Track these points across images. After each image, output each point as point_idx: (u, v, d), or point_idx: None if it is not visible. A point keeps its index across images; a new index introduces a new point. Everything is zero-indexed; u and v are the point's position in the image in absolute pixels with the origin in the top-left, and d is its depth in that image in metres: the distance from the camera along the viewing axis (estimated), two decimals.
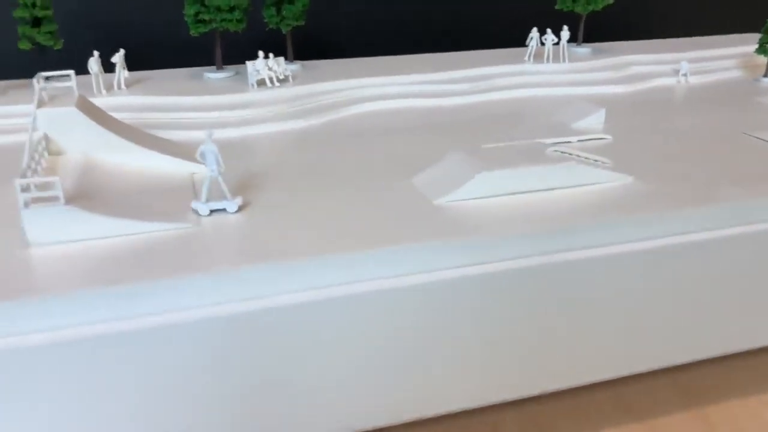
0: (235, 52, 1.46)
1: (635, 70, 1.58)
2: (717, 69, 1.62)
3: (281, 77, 1.36)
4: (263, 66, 1.33)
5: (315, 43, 1.69)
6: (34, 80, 0.98)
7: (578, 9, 1.60)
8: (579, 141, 1.15)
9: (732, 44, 1.73)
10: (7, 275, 0.73)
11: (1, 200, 0.88)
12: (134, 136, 1.01)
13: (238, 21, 1.36)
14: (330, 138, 1.19)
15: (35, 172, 0.85)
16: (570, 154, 0.98)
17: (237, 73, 1.43)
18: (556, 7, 1.63)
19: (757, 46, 1.55)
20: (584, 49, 1.65)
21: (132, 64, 1.36)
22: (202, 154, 0.86)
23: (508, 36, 1.70)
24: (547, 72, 1.52)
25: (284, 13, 1.41)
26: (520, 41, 1.60)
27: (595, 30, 1.73)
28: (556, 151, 0.98)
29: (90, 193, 0.87)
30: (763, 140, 1.16)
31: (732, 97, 1.45)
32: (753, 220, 0.93)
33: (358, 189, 0.96)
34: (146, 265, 0.76)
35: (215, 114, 1.26)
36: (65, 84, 1.03)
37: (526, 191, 0.94)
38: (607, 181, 0.97)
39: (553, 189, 0.95)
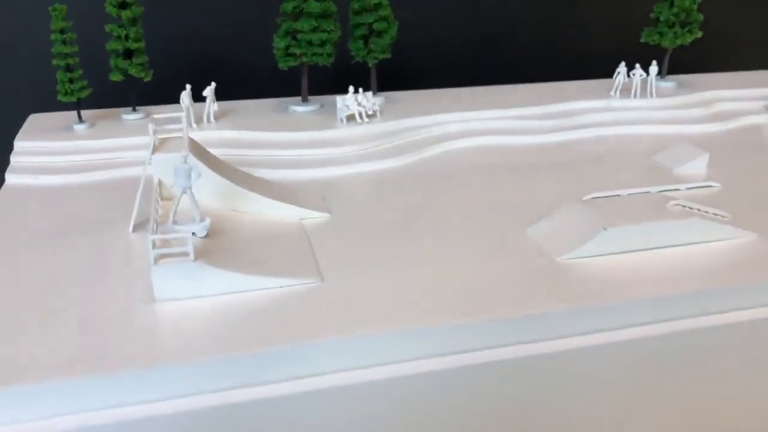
0: (315, 83, 1.45)
1: (722, 106, 1.54)
2: None
3: (370, 112, 1.34)
4: (353, 101, 1.32)
5: (394, 72, 1.67)
6: (150, 127, 0.98)
7: (665, 44, 1.56)
8: (688, 189, 1.11)
9: None
10: (134, 335, 0.72)
11: (112, 246, 0.88)
12: (244, 181, 1.00)
13: (328, 55, 1.34)
14: (424, 179, 1.17)
15: (158, 223, 0.84)
16: (691, 208, 0.95)
17: (322, 105, 1.42)
18: (641, 40, 1.59)
19: None
20: (668, 83, 1.61)
21: (217, 93, 1.35)
22: (177, 172, 0.84)
23: (589, 67, 1.67)
24: (635, 108, 1.49)
25: (372, 46, 1.40)
26: (601, 74, 1.57)
27: (676, 61, 1.69)
28: (677, 204, 0.95)
29: (208, 245, 0.86)
30: None
31: None
32: None
33: (472, 241, 0.94)
34: (278, 323, 0.74)
35: (307, 151, 1.24)
36: (171, 125, 1.02)
37: (650, 248, 0.91)
38: (732, 237, 0.94)
39: (675, 246, 0.92)
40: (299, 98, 1.44)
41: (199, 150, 0.97)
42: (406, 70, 1.75)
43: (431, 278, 0.84)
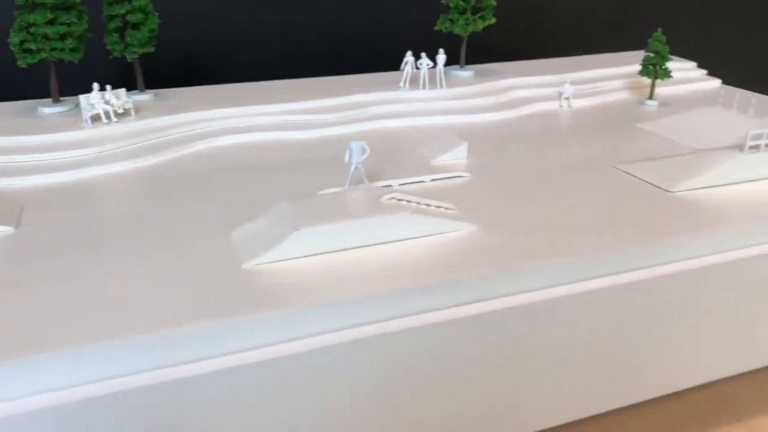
0: (78, 82, 1.33)
1: (517, 94, 1.50)
2: (602, 91, 1.56)
3: (120, 111, 1.23)
4: (98, 99, 1.20)
5: (188, 69, 1.56)
6: None
7: (457, 30, 1.51)
8: (432, 180, 1.05)
9: (619, 63, 1.67)
10: None
11: None
12: None
13: (72, 50, 1.22)
14: (161, 182, 1.07)
15: None
16: (409, 201, 0.88)
17: (77, 105, 1.29)
18: (435, 28, 1.54)
19: (640, 67, 1.50)
20: (467, 73, 1.56)
21: None
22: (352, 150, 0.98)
23: (387, 59, 1.60)
24: (422, 99, 1.43)
25: (128, 39, 1.29)
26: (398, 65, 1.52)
27: (482, 51, 1.65)
28: (392, 198, 0.88)
29: None
30: (632, 175, 1.09)
31: (612, 123, 1.38)
32: (599, 274, 0.85)
33: (166, 250, 0.84)
34: None
35: (48, 155, 1.12)
36: None
37: (354, 247, 0.83)
38: (448, 230, 0.88)
39: (385, 243, 0.85)
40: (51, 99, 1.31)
41: None
42: (212, 65, 1.65)
43: (112, 291, 0.74)
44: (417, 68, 1.44)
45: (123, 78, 1.36)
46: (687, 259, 0.90)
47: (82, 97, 1.20)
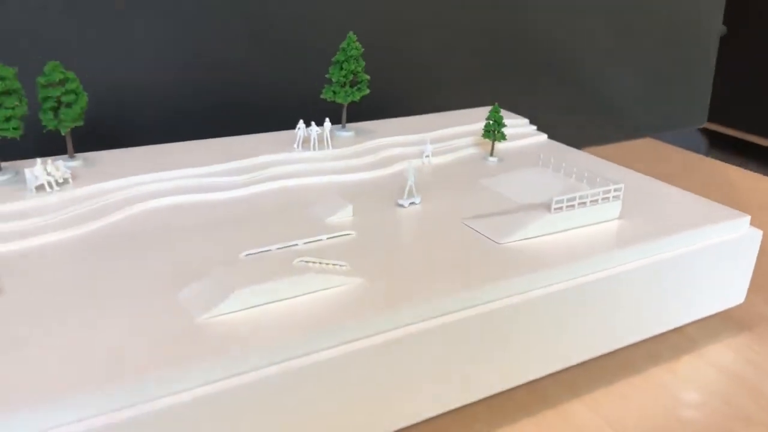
0: (9, 148, 1.53)
1: (390, 152, 1.85)
2: (455, 148, 1.94)
3: (60, 180, 1.45)
4: (42, 172, 1.42)
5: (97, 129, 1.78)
6: None
7: (339, 99, 1.84)
8: (328, 238, 1.38)
9: (467, 120, 2.07)
10: None
11: None
12: None
13: (15, 129, 1.44)
14: (106, 246, 1.31)
15: None
16: (314, 262, 1.20)
17: (17, 173, 1.50)
18: (321, 96, 1.86)
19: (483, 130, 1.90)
20: (348, 132, 1.90)
21: None
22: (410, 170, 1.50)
23: (281, 119, 1.90)
24: (313, 159, 1.74)
25: (62, 117, 1.51)
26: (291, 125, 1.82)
27: (357, 111, 1.99)
28: (301, 261, 1.19)
29: None
30: (473, 228, 1.46)
31: (462, 179, 1.76)
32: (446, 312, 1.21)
33: (122, 307, 1.11)
34: None
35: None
36: None
37: (278, 300, 1.14)
38: (341, 285, 1.20)
39: (297, 296, 1.16)
40: None
41: None
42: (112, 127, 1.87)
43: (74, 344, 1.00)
44: (307, 133, 1.76)
45: (51, 143, 1.58)
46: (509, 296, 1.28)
47: (27, 171, 1.42)
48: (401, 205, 1.54)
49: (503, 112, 1.90)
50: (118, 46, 1.95)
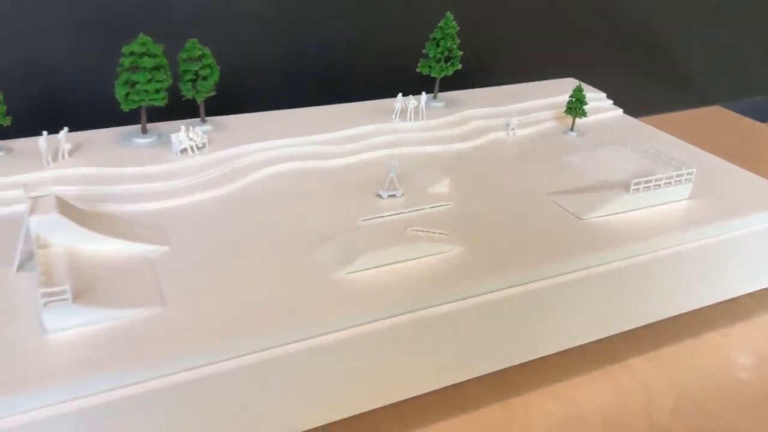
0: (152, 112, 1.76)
1: (476, 124, 2.02)
2: (537, 120, 2.10)
3: (200, 145, 1.68)
4: (185, 137, 1.65)
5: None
6: (24, 188, 1.28)
7: (434, 74, 2.01)
8: (430, 208, 1.58)
9: (547, 93, 2.22)
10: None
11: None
12: (96, 223, 1.32)
13: (162, 99, 1.66)
14: (246, 206, 1.55)
15: (42, 273, 1.16)
16: (422, 231, 1.41)
17: (159, 136, 1.73)
18: (417, 70, 2.03)
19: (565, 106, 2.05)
20: (438, 103, 2.07)
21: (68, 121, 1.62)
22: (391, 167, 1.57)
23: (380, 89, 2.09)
24: (410, 129, 1.93)
25: (199, 87, 1.72)
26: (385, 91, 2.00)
27: (446, 80, 2.15)
28: (413, 230, 1.40)
29: (81, 283, 1.19)
30: (558, 204, 1.64)
31: (544, 152, 1.93)
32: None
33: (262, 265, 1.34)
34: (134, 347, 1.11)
35: (149, 185, 1.57)
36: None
37: (395, 262, 1.35)
38: (447, 251, 1.41)
39: (410, 260, 1.37)
40: (139, 128, 1.74)
41: (63, 206, 1.28)
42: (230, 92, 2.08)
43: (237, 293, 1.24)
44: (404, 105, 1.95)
45: (180, 106, 1.80)
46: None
47: (173, 136, 1.65)
48: (380, 196, 1.60)
49: (582, 85, 2.04)
50: (233, 19, 2.15)
